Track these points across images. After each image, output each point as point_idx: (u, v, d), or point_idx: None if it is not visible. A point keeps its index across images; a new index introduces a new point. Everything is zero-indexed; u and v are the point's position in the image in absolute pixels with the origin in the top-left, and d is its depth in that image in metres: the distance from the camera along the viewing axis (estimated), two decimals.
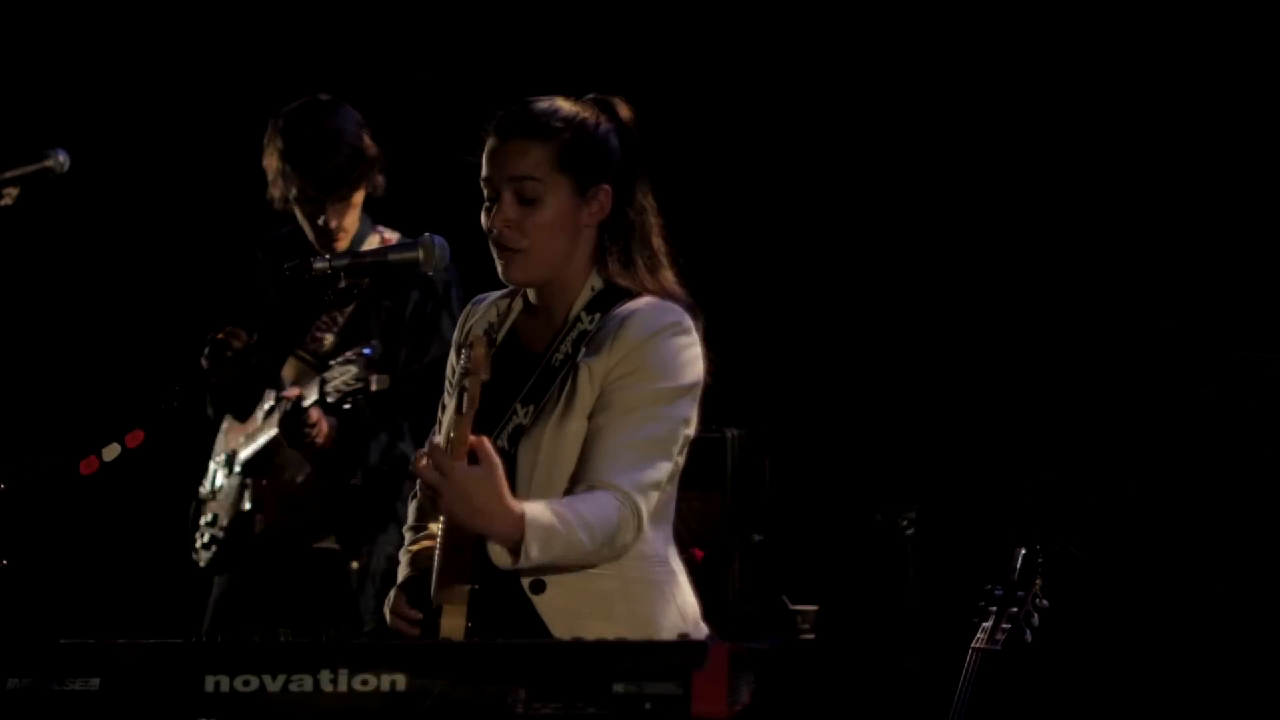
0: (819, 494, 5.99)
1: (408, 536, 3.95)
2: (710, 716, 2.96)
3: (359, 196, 5.35)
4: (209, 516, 5.47)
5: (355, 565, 5.27)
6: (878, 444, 5.99)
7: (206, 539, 5.46)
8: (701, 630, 3.75)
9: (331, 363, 5.06)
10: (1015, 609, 4.58)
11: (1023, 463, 5.82)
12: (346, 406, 5.04)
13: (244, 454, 5.40)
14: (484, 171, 3.73)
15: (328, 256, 4.01)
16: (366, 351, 4.97)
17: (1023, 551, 4.66)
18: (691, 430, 3.69)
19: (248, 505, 5.37)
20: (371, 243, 5.33)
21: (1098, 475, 5.77)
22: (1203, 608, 5.68)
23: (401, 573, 3.88)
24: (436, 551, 3.65)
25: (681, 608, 3.72)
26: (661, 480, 3.63)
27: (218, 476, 5.48)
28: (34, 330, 6.63)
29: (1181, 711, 5.67)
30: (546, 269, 3.72)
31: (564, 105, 3.74)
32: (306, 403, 5.08)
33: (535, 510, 3.45)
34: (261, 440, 5.32)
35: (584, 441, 3.62)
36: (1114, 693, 5.73)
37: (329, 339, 5.37)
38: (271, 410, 5.32)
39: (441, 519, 3.64)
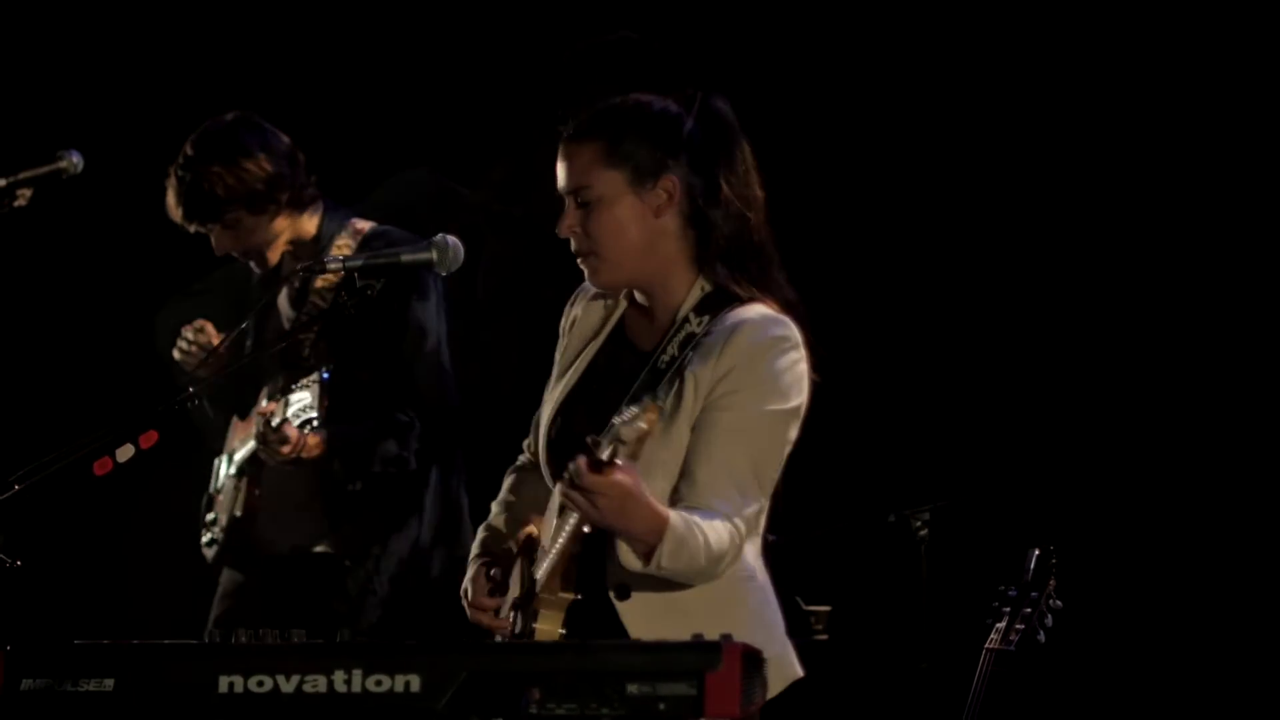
0: (832, 495, 5.98)
1: (494, 509, 3.93)
2: (724, 717, 2.96)
3: (251, 220, 5.27)
4: (212, 515, 5.48)
5: (361, 572, 5.26)
6: (891, 444, 5.98)
7: (208, 537, 5.47)
8: (786, 644, 3.73)
9: (293, 385, 5.05)
10: (1029, 609, 4.58)
11: (1037, 464, 5.81)
12: (307, 430, 5.03)
13: (239, 455, 5.40)
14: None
15: (341, 258, 4.01)
16: (324, 376, 4.97)
17: (1036, 552, 4.66)
18: (790, 447, 3.66)
19: (239, 511, 5.37)
20: (341, 244, 5.28)
21: (1111, 476, 5.76)
22: (1216, 608, 5.67)
23: (474, 549, 3.85)
24: (551, 555, 3.60)
25: (767, 623, 3.69)
26: (764, 506, 3.62)
27: (220, 474, 5.49)
28: (47, 330, 6.63)
29: (1195, 712, 5.66)
30: (628, 269, 3.66)
31: (622, 99, 3.69)
32: (275, 420, 5.07)
33: (675, 518, 3.44)
34: (251, 444, 5.31)
35: (688, 453, 3.57)
36: (1127, 693, 5.72)
37: (306, 345, 5.34)
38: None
39: (553, 525, 3.62)
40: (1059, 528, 5.24)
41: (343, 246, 5.26)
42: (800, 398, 3.63)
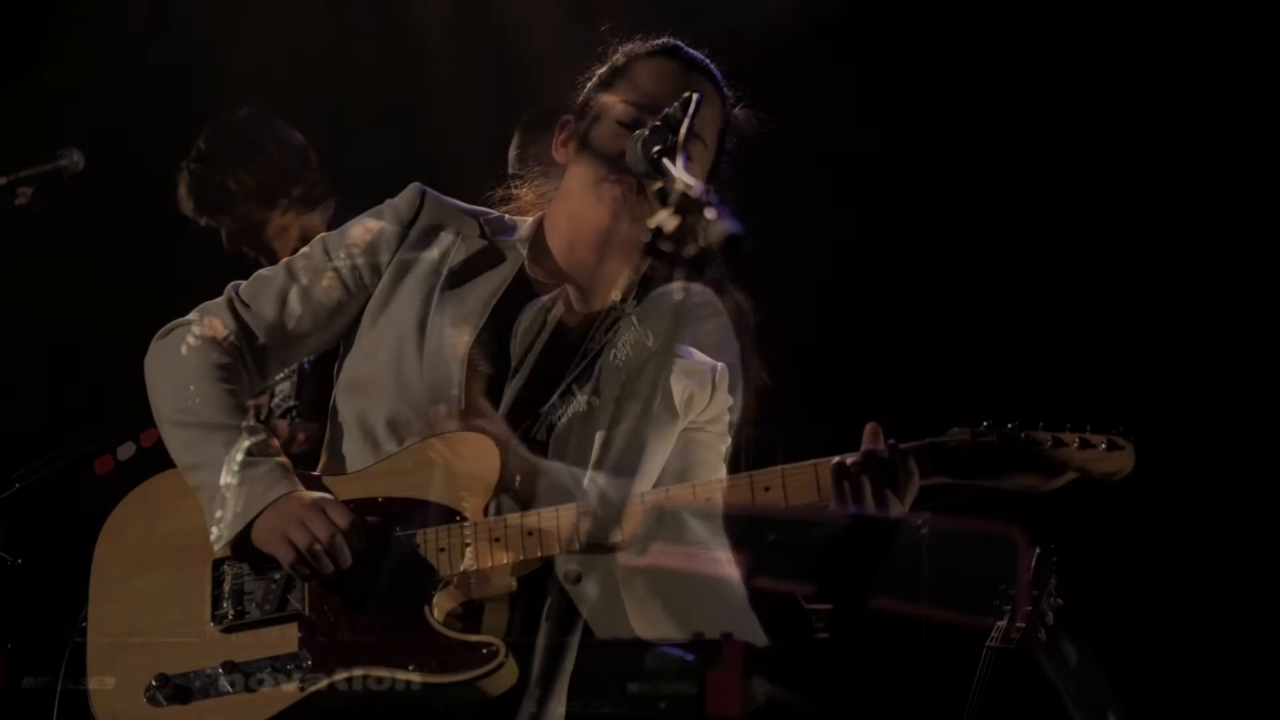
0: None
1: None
2: (724, 716, 2.96)
3: (261, 215, 5.28)
4: (220, 512, 5.49)
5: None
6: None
7: (215, 533, 5.48)
8: (751, 619, 3.74)
9: (279, 376, 5.07)
10: (1030, 608, 4.58)
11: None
12: (285, 420, 5.05)
13: (237, 455, 5.42)
14: None
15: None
16: (305, 366, 4.98)
17: (1037, 551, 4.66)
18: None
19: (239, 507, 5.38)
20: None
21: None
22: (1217, 607, 5.68)
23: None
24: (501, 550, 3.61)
25: (726, 597, 3.69)
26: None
27: (224, 473, 5.50)
28: (49, 329, 6.63)
29: (1195, 710, 5.67)
30: (565, 259, 3.71)
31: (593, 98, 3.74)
32: (262, 414, 5.09)
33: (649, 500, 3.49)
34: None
35: (645, 431, 3.60)
36: (1127, 691, 5.72)
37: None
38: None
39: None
40: (1059, 527, 5.24)
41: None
42: (733, 357, 3.69)
